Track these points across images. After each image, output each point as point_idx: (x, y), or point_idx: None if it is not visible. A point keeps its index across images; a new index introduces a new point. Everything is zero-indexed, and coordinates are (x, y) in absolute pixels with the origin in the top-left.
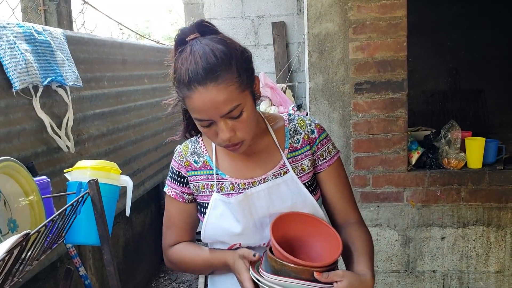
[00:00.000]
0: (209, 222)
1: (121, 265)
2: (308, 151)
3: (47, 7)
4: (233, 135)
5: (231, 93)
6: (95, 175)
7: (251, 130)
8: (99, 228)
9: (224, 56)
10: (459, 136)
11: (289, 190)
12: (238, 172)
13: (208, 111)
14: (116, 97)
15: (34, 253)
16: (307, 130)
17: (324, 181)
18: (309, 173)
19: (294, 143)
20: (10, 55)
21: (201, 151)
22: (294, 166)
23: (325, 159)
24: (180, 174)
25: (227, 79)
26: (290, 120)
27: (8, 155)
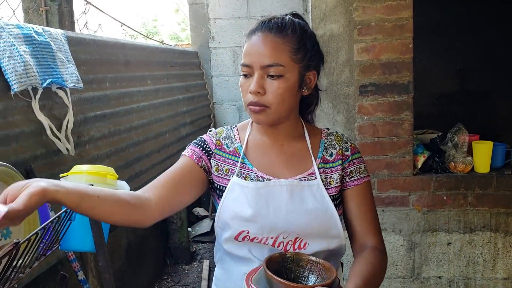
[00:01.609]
0: (224, 204)
1: (124, 268)
2: (339, 166)
3: (48, 7)
4: (261, 92)
5: (282, 52)
6: (91, 180)
7: (281, 105)
8: (94, 235)
9: (298, 26)
10: (466, 139)
11: (312, 195)
12: (266, 167)
13: (253, 56)
14: (118, 99)
15: (26, 261)
16: (342, 146)
17: (348, 199)
18: (336, 188)
19: (327, 156)
20: (8, 57)
21: (234, 139)
22: (323, 177)
23: (354, 177)
24: (208, 146)
25: (287, 41)
26: (327, 134)
27: (7, 158)
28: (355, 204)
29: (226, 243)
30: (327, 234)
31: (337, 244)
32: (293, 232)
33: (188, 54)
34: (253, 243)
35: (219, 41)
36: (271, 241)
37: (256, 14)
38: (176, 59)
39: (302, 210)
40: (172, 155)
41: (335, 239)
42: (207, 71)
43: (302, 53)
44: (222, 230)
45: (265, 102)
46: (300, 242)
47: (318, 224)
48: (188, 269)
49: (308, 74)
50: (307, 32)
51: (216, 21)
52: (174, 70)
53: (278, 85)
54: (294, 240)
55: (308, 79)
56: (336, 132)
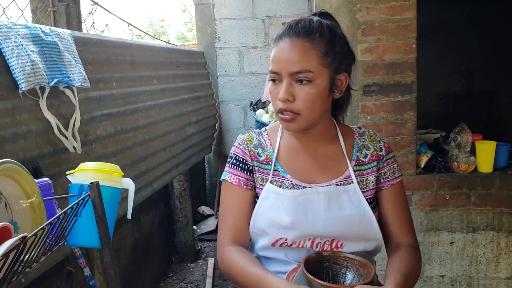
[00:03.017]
0: (259, 212)
1: (130, 265)
2: (374, 167)
3: (56, 8)
4: (291, 99)
5: (310, 57)
6: (96, 178)
7: (311, 111)
8: (99, 230)
9: (327, 28)
10: (469, 139)
11: (349, 200)
12: (300, 173)
13: (281, 63)
14: (124, 98)
15: (33, 255)
16: (376, 146)
17: (383, 200)
18: (373, 190)
19: (361, 157)
20: (16, 56)
21: (265, 145)
22: (359, 179)
23: (388, 178)
24: (246, 162)
25: (316, 45)
26: (360, 134)
27: (15, 156)
28: (390, 205)
29: (262, 249)
30: (364, 238)
31: (374, 245)
32: (330, 236)
33: (194, 54)
34: (290, 248)
35: (225, 41)
36: (308, 243)
37: (262, 15)
38: (182, 59)
39: (340, 217)
40: (177, 154)
41: (373, 241)
42: (213, 71)
43: (331, 56)
44: (258, 236)
45: (295, 109)
46: (337, 242)
47: (356, 230)
48: (193, 267)
49: (339, 76)
50: (336, 34)
51: (222, 22)
52: (180, 70)
53: (308, 91)
54: (331, 241)
55: (339, 81)
56: (368, 131)
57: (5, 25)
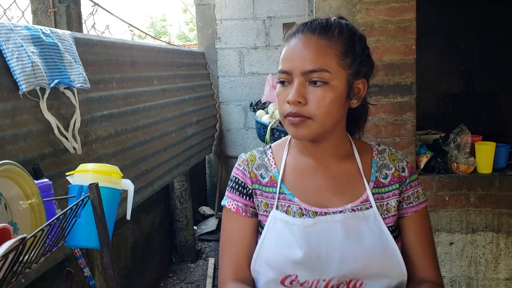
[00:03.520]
0: (264, 244)
1: (130, 265)
2: (396, 190)
3: (56, 9)
4: (302, 102)
5: (327, 55)
6: (96, 179)
7: (326, 116)
8: (99, 231)
9: (346, 27)
10: (469, 140)
11: (369, 229)
12: (310, 196)
13: (293, 60)
14: (124, 99)
15: (33, 256)
16: (398, 166)
17: (406, 228)
18: (394, 216)
19: (381, 178)
20: (17, 58)
21: (269, 165)
22: (379, 204)
23: (412, 203)
24: (245, 185)
25: (334, 43)
26: (379, 151)
27: (15, 157)
28: (413, 234)
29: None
30: (387, 274)
31: (399, 282)
32: (349, 273)
33: (195, 55)
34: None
35: (226, 42)
36: (323, 283)
37: (262, 15)
38: (182, 60)
39: (359, 248)
40: (178, 154)
41: (397, 278)
42: (213, 71)
43: (350, 57)
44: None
45: (306, 113)
46: (355, 282)
47: (378, 264)
48: (193, 267)
49: (357, 82)
50: (356, 34)
51: (222, 22)
52: (181, 70)
53: (323, 93)
54: (348, 281)
55: (357, 88)
56: (389, 149)
57: (6, 27)
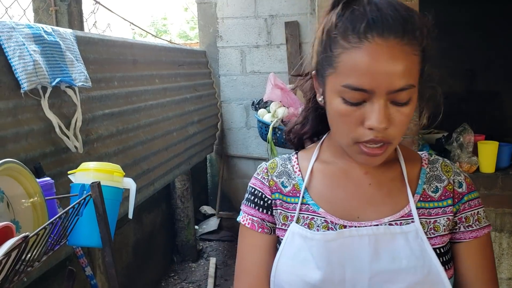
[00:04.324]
0: (280, 262)
1: (132, 265)
2: (449, 207)
3: (58, 7)
4: (388, 127)
5: (413, 65)
6: (98, 177)
7: (402, 136)
8: (101, 230)
9: (418, 17)
10: (472, 139)
11: (408, 246)
12: (338, 206)
13: (376, 77)
14: (126, 97)
15: (34, 255)
16: (453, 180)
17: (462, 256)
18: (444, 237)
19: (430, 191)
20: (18, 56)
21: (292, 172)
22: (424, 220)
23: (472, 227)
24: (263, 196)
25: (415, 45)
26: (430, 161)
27: (16, 155)
28: (471, 264)
29: None
30: None
31: None
32: None
33: (196, 53)
34: None
35: (227, 40)
36: None
37: (264, 13)
38: (184, 58)
39: (393, 271)
40: (179, 154)
41: None
42: (215, 70)
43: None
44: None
45: (390, 139)
46: None
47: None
48: (194, 266)
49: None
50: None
51: (224, 21)
52: (182, 69)
53: (406, 113)
54: None
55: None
56: (442, 160)
57: (8, 25)
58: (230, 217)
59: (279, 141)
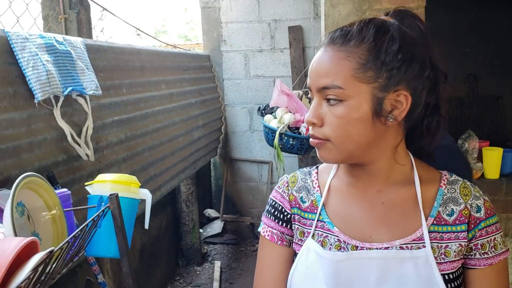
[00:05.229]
0: (295, 275)
1: (138, 269)
2: (463, 232)
3: (67, 15)
4: (318, 123)
5: (342, 69)
6: (115, 189)
7: (345, 139)
8: (119, 241)
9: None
10: (476, 146)
11: (416, 272)
12: (352, 226)
13: (311, 76)
14: (134, 104)
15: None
16: (470, 204)
17: (475, 283)
18: (454, 263)
19: (444, 214)
20: (32, 67)
21: (312, 187)
22: (435, 245)
23: (487, 253)
24: (282, 210)
25: (352, 53)
26: (449, 182)
27: (30, 165)
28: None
29: None
30: None
31: None
32: None
33: (201, 58)
34: None
35: (231, 45)
36: None
37: (268, 18)
38: (189, 63)
39: None
40: (185, 158)
41: None
42: (219, 74)
43: (374, 68)
44: None
45: (322, 135)
46: None
47: None
48: (199, 270)
49: (392, 96)
50: (386, 37)
51: (227, 25)
52: (187, 74)
53: (337, 113)
54: None
55: (393, 103)
56: (463, 181)
57: (21, 36)
58: (234, 220)
59: (286, 147)
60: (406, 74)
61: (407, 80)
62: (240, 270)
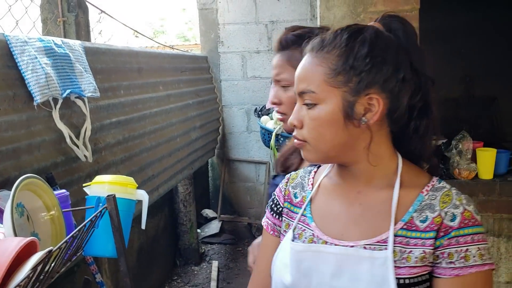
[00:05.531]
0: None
1: (135, 269)
2: (430, 240)
3: (66, 18)
4: (298, 125)
5: (315, 74)
6: (112, 190)
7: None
8: (116, 241)
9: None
10: (471, 146)
11: (370, 273)
12: (328, 223)
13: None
14: (132, 105)
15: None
16: (446, 212)
17: None
18: (414, 269)
19: (417, 220)
20: (31, 70)
21: (306, 184)
22: (399, 249)
23: (454, 264)
24: (277, 203)
25: (325, 60)
26: (434, 188)
27: (30, 166)
28: None
29: None
30: None
31: None
32: None
33: (198, 59)
34: None
35: (228, 46)
36: None
37: (265, 19)
38: (186, 64)
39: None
40: (182, 159)
41: None
42: (216, 75)
43: (344, 72)
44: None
45: (301, 137)
46: None
47: None
48: (197, 270)
49: (364, 99)
50: (356, 44)
51: (225, 26)
52: (185, 75)
53: (312, 116)
54: None
55: (365, 105)
56: (449, 189)
57: (21, 39)
58: (232, 220)
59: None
60: (376, 77)
61: (380, 83)
62: (237, 270)
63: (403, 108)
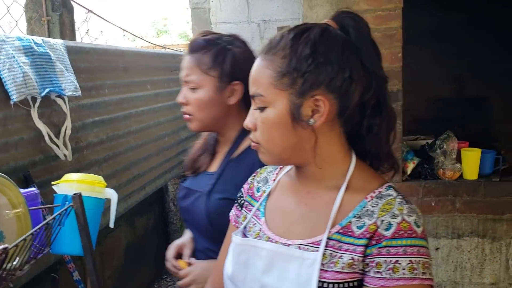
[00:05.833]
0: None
1: (123, 268)
2: (360, 247)
3: (50, 17)
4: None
5: (263, 78)
6: (80, 189)
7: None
8: (82, 239)
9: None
10: (455, 146)
11: (297, 272)
12: (276, 220)
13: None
14: (116, 104)
15: (17, 264)
16: (381, 220)
17: None
18: (341, 274)
19: (355, 226)
20: (8, 69)
21: (270, 180)
22: (329, 253)
23: (381, 274)
24: (241, 196)
25: (272, 63)
26: (380, 195)
27: (6, 164)
28: None
29: None
30: None
31: None
32: None
33: None
34: None
35: None
36: None
37: (257, 19)
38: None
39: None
40: (171, 158)
41: None
42: None
43: (289, 75)
44: None
45: (254, 139)
46: None
47: None
48: None
49: (309, 100)
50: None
51: (217, 25)
52: (175, 74)
53: (262, 118)
54: None
55: (312, 107)
56: (394, 197)
57: None
58: None
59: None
60: (321, 78)
61: (325, 84)
62: None
63: (354, 107)
